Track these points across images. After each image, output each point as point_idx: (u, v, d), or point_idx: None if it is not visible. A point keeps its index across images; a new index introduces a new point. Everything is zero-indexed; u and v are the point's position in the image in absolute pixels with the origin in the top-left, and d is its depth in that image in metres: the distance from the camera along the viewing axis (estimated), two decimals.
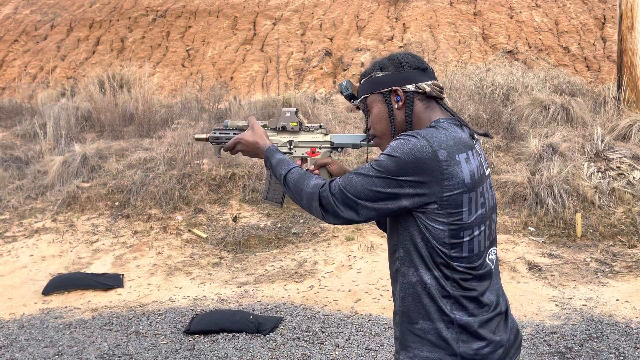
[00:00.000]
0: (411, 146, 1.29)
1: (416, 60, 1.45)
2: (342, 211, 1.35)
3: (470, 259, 1.34)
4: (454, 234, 1.31)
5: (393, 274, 1.42)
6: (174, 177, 6.77)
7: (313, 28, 12.03)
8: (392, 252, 1.41)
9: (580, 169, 6.26)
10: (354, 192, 1.33)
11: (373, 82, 1.46)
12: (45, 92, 10.07)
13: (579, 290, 4.40)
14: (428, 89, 1.42)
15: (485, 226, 1.38)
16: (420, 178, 1.28)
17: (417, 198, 1.29)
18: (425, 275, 1.33)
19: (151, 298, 4.60)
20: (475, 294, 1.34)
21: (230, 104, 8.86)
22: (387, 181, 1.30)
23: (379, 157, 1.33)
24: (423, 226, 1.31)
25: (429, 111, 1.43)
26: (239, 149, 1.66)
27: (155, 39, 12.29)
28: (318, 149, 1.69)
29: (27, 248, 5.85)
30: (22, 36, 12.73)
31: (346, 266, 5.01)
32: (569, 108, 7.64)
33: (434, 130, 1.34)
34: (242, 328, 3.74)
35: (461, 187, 1.30)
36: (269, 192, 1.72)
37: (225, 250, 5.74)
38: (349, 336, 3.65)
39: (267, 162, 1.56)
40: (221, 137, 1.74)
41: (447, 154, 1.29)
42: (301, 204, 1.44)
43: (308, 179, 1.43)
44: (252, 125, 1.66)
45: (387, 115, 1.44)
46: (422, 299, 1.33)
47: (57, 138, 7.99)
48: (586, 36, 11.11)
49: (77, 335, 3.83)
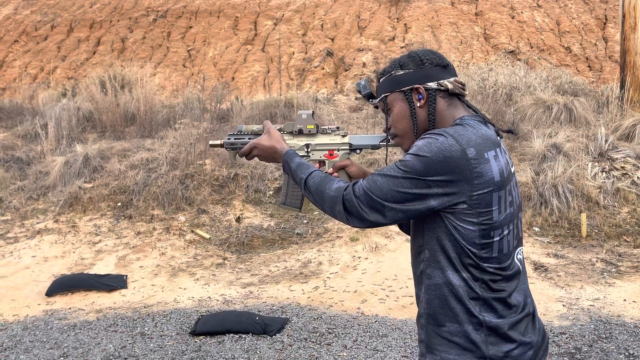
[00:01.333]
0: (439, 145, 1.26)
1: (437, 57, 1.42)
2: (368, 214, 1.31)
3: (500, 259, 1.31)
4: (485, 234, 1.28)
5: (417, 276, 1.38)
6: (177, 178, 6.74)
7: (314, 28, 12.01)
8: (417, 253, 1.37)
9: (585, 168, 6.25)
10: (379, 194, 1.29)
11: (393, 81, 1.43)
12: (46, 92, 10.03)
13: (586, 291, 4.38)
14: (450, 86, 1.39)
15: (513, 225, 1.36)
16: (449, 177, 1.25)
17: (446, 198, 1.26)
18: (453, 276, 1.30)
19: (155, 299, 4.57)
20: (504, 295, 1.31)
21: (232, 104, 8.83)
22: (415, 182, 1.27)
23: (405, 157, 1.30)
24: (452, 227, 1.28)
25: (452, 109, 1.40)
26: (256, 154, 1.62)
27: (156, 40, 12.26)
28: (336, 151, 1.66)
29: (29, 249, 5.82)
30: (22, 36, 12.69)
31: (351, 267, 4.99)
32: (572, 108, 7.63)
33: (461, 128, 1.32)
34: (249, 329, 3.72)
35: (491, 186, 1.27)
36: (287, 196, 1.68)
37: (229, 250, 5.71)
38: (356, 337, 3.63)
39: (286, 167, 1.52)
40: (236, 142, 1.70)
41: (476, 152, 1.26)
42: (323, 208, 1.41)
43: (330, 182, 1.40)
44: (268, 129, 1.62)
45: (409, 113, 1.41)
46: (449, 301, 1.31)
47: (58, 138, 7.96)
48: (588, 36, 11.10)
49: (82, 336, 3.80)
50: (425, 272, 1.35)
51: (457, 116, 1.39)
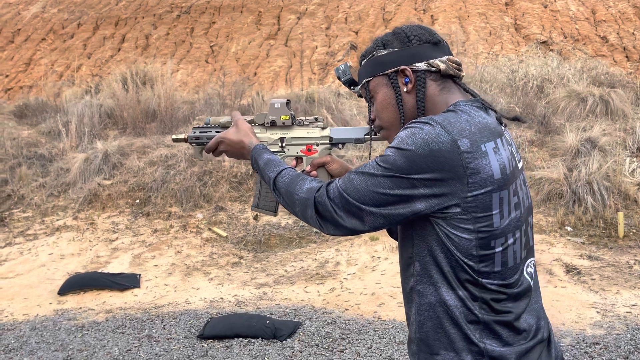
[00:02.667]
0: (424, 135, 1.03)
1: (426, 32, 1.18)
2: (343, 219, 1.10)
3: (504, 274, 1.08)
4: (483, 244, 1.05)
5: (407, 293, 1.16)
6: (195, 175, 6.64)
7: (338, 21, 11.77)
8: (406, 266, 1.15)
9: (622, 164, 5.87)
10: (356, 195, 1.08)
11: (376, 63, 1.20)
12: (70, 90, 10.10)
13: (622, 296, 4.06)
14: (443, 66, 1.16)
15: (521, 232, 1.12)
16: (437, 175, 1.02)
17: (435, 200, 1.04)
18: (448, 295, 1.07)
19: (167, 299, 4.45)
20: (510, 317, 1.08)
21: (252, 100, 8.70)
22: (397, 180, 1.05)
23: (386, 152, 1.08)
24: (444, 235, 1.06)
25: (445, 93, 1.17)
26: (222, 150, 1.41)
27: (180, 36, 12.24)
28: (315, 145, 1.44)
29: (47, 246, 5.80)
30: (49, 35, 12.85)
31: (370, 267, 4.77)
32: (608, 100, 7.21)
33: (453, 114, 1.08)
34: (258, 333, 3.55)
35: (490, 185, 1.04)
36: (260, 198, 1.47)
37: (246, 249, 5.57)
38: (371, 344, 3.42)
39: (254, 164, 1.32)
40: (201, 136, 1.48)
41: (471, 144, 1.04)
42: (295, 212, 1.20)
43: (301, 181, 1.19)
44: (235, 122, 1.40)
45: (395, 101, 1.18)
46: (444, 325, 1.08)
47: (80, 135, 7.97)
48: (625, 25, 10.55)
49: (88, 338, 3.70)
50: (415, 289, 1.12)
51: (451, 102, 1.16)
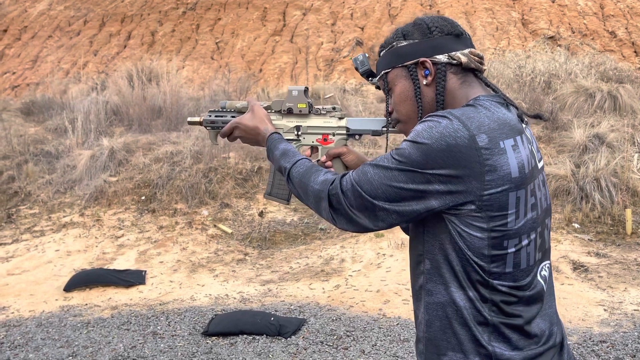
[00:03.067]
0: (442, 129, 1.01)
1: (448, 23, 1.16)
2: (356, 214, 1.08)
3: (516, 275, 1.05)
4: (496, 244, 1.03)
5: (416, 291, 1.14)
6: (200, 171, 6.64)
7: (344, 17, 11.73)
8: (416, 263, 1.13)
9: (630, 160, 5.81)
10: (369, 188, 1.06)
11: (395, 54, 1.17)
12: (76, 87, 10.13)
13: (630, 294, 4.02)
14: (464, 59, 1.13)
15: (537, 234, 1.09)
16: (453, 171, 1.00)
17: (449, 197, 1.01)
18: (458, 295, 1.05)
19: (172, 296, 4.45)
20: (520, 321, 1.05)
21: (258, 96, 8.69)
22: (411, 175, 1.02)
23: (401, 145, 1.05)
24: (456, 233, 1.03)
25: (466, 87, 1.14)
26: (237, 135, 1.39)
27: (185, 32, 12.24)
28: (331, 135, 1.41)
29: (54, 243, 5.83)
30: (56, 32, 12.88)
31: (375, 264, 4.75)
32: (616, 96, 7.13)
33: (472, 109, 1.06)
34: (263, 330, 3.54)
35: (507, 183, 1.01)
36: (274, 186, 1.45)
37: (251, 246, 5.57)
38: (375, 341, 3.40)
39: (269, 153, 1.30)
40: (217, 120, 1.46)
41: (489, 140, 1.01)
42: (308, 203, 1.18)
43: (316, 173, 1.17)
44: (252, 107, 1.38)
45: (413, 93, 1.16)
46: (453, 325, 1.06)
47: (86, 132, 7.99)
48: (634, 20, 10.44)
49: (93, 334, 3.71)
50: (425, 287, 1.10)
51: (471, 96, 1.13)
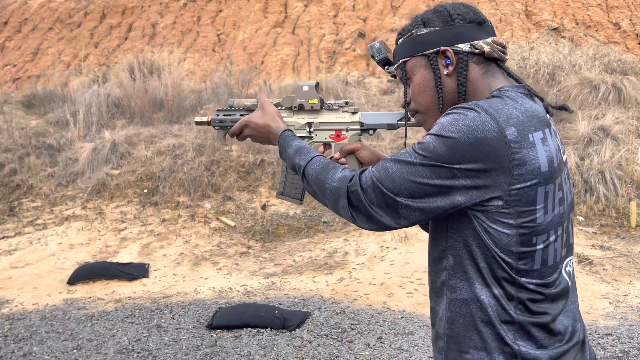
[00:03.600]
0: (469, 122, 0.97)
1: (470, 11, 1.12)
2: (377, 212, 1.05)
3: (543, 273, 1.03)
4: (524, 240, 1.00)
5: (437, 288, 1.11)
6: (203, 164, 6.62)
7: (346, 9, 11.65)
8: (438, 259, 1.10)
9: (635, 153, 5.78)
10: (390, 185, 1.02)
11: (414, 42, 1.13)
12: (78, 79, 10.09)
13: (635, 287, 4.01)
14: (487, 48, 1.09)
15: (563, 229, 1.06)
16: (481, 165, 0.96)
17: (476, 192, 0.98)
18: (482, 292, 1.02)
19: (176, 289, 4.45)
20: (546, 319, 1.03)
21: (260, 88, 8.65)
22: (436, 170, 0.99)
23: (425, 139, 1.02)
24: (482, 229, 1.00)
25: (489, 77, 1.10)
26: (247, 134, 1.34)
27: (186, 24, 12.17)
28: (344, 131, 1.37)
29: (56, 236, 5.82)
30: (56, 24, 12.82)
31: (378, 257, 4.74)
32: (621, 88, 7.09)
33: (499, 100, 1.02)
34: (267, 323, 3.54)
35: (536, 177, 0.98)
36: (286, 185, 1.41)
37: (254, 239, 5.56)
38: (380, 334, 3.40)
39: (282, 151, 1.26)
40: (225, 119, 1.42)
41: (518, 133, 0.98)
42: (325, 202, 1.14)
43: (333, 170, 1.13)
44: (262, 104, 1.34)
45: (434, 84, 1.12)
46: (477, 323, 1.03)
47: (88, 125, 7.96)
48: (637, 11, 10.37)
49: (98, 327, 3.71)
50: (447, 284, 1.07)
51: (494, 87, 1.09)
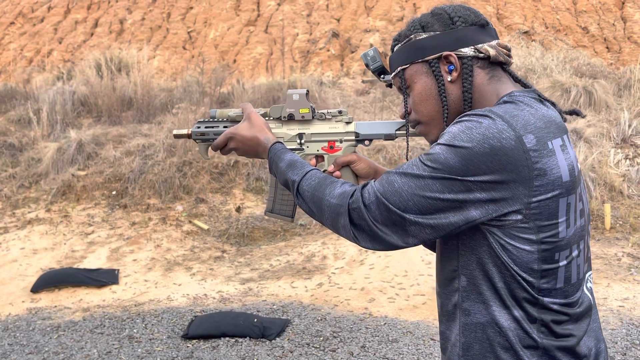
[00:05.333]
0: (484, 130, 0.89)
1: (471, 13, 1.04)
2: (382, 231, 0.95)
3: (567, 291, 0.95)
4: (546, 257, 0.92)
5: (448, 311, 1.02)
6: (174, 165, 6.41)
7: (319, 8, 11.56)
8: (448, 280, 1.01)
9: (607, 155, 5.86)
10: (397, 200, 0.93)
11: (413, 48, 1.05)
12: (41, 75, 9.69)
13: (614, 289, 4.03)
14: (492, 52, 1.01)
15: (585, 243, 1.00)
16: (497, 177, 0.88)
17: (492, 206, 0.90)
18: (501, 315, 0.94)
19: (148, 296, 4.26)
20: (572, 342, 0.95)
21: (233, 88, 8.46)
22: (448, 183, 0.90)
23: (434, 149, 0.93)
24: (498, 245, 0.92)
25: (495, 82, 1.03)
26: (232, 147, 1.24)
27: (156, 21, 11.86)
28: (338, 142, 1.27)
29: (18, 240, 5.53)
30: (18, 18, 12.31)
31: (357, 261, 4.65)
32: (592, 91, 7.20)
33: (513, 106, 0.94)
34: (246, 332, 3.40)
35: (557, 188, 0.91)
36: (275, 202, 1.31)
37: (228, 242, 5.40)
38: (363, 342, 3.30)
39: (273, 166, 1.15)
40: (208, 131, 1.31)
41: (537, 140, 0.90)
42: (322, 220, 1.04)
43: (332, 185, 1.03)
44: (248, 115, 1.23)
45: (437, 91, 1.04)
46: (495, 349, 0.95)
47: (52, 124, 7.63)
48: (605, 16, 10.61)
49: (65, 339, 3.50)
50: (460, 307, 0.98)
51: (502, 92, 1.02)
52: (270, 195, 1.30)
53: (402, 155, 6.19)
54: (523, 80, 1.07)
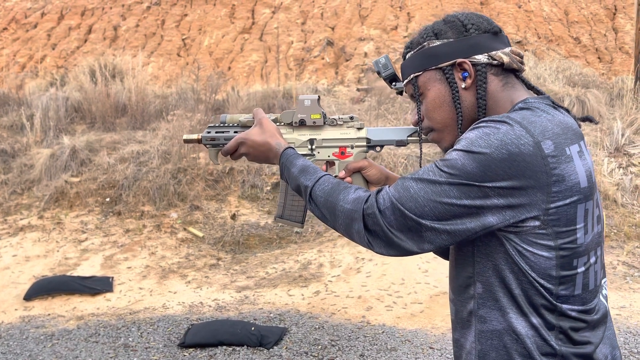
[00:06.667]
0: (501, 136, 0.89)
1: (484, 20, 1.05)
2: (397, 237, 0.94)
3: (585, 298, 0.95)
4: (565, 263, 0.92)
5: (463, 318, 1.01)
6: (169, 172, 6.38)
7: (314, 17, 11.60)
8: (464, 287, 1.00)
9: (600, 164, 5.90)
10: (413, 206, 0.92)
11: (427, 55, 1.05)
12: (34, 81, 9.63)
13: (610, 298, 4.04)
14: (506, 59, 1.02)
15: (601, 249, 1.00)
16: (515, 182, 0.88)
17: (510, 212, 0.90)
18: (518, 322, 0.93)
19: (143, 304, 4.21)
20: (590, 349, 0.94)
21: (228, 95, 8.46)
22: (465, 189, 0.90)
23: (451, 155, 0.93)
24: (516, 252, 0.92)
25: (509, 89, 1.03)
26: (243, 152, 1.23)
27: (150, 28, 11.84)
28: (349, 148, 1.27)
29: (10, 247, 5.46)
30: (11, 24, 12.25)
31: (354, 269, 4.64)
32: (584, 100, 7.27)
33: (530, 112, 0.94)
34: (243, 341, 3.37)
35: (575, 194, 0.91)
36: (285, 208, 1.30)
37: (223, 250, 5.36)
38: (362, 351, 3.28)
39: (284, 171, 1.14)
40: (218, 137, 1.31)
41: (555, 146, 0.90)
42: (336, 226, 1.03)
43: (345, 191, 1.03)
44: (259, 120, 1.23)
45: (451, 98, 1.04)
46: (513, 356, 0.94)
47: (45, 130, 7.58)
48: (597, 27, 10.74)
49: (59, 348, 3.45)
50: (476, 314, 0.97)
51: (516, 99, 1.02)
52: (280, 200, 1.29)
53: (397, 163, 6.20)
54: (536, 87, 1.08)
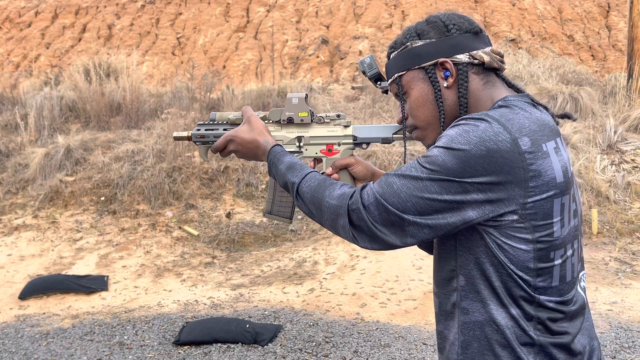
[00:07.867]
0: (480, 133, 0.92)
1: (465, 21, 1.08)
2: (381, 231, 0.97)
3: (562, 289, 0.98)
4: (542, 256, 0.95)
5: (447, 310, 1.04)
6: (164, 171, 6.38)
7: (309, 15, 11.61)
8: (447, 280, 1.03)
9: (593, 161, 5.94)
10: (396, 202, 0.95)
11: (410, 55, 1.08)
12: (28, 81, 9.60)
13: (602, 293, 4.08)
14: (487, 58, 1.06)
15: (578, 242, 1.03)
16: (494, 178, 0.91)
17: (489, 206, 0.93)
18: (498, 313, 0.96)
19: (138, 303, 4.23)
20: (567, 339, 0.98)
21: (222, 94, 8.46)
22: (446, 185, 0.93)
23: (432, 152, 0.96)
24: (495, 245, 0.95)
25: (490, 87, 1.06)
26: (232, 149, 1.27)
27: (145, 26, 11.82)
28: (336, 145, 1.31)
29: (5, 247, 5.46)
30: (5, 23, 12.20)
31: (349, 266, 4.66)
32: (578, 98, 7.31)
33: (508, 110, 0.98)
34: (238, 338, 3.39)
35: (552, 189, 0.94)
36: (274, 204, 1.33)
37: (219, 248, 5.38)
38: (356, 347, 3.31)
39: (272, 168, 1.18)
40: (208, 134, 1.34)
41: (532, 143, 0.93)
42: (322, 221, 1.07)
43: (331, 187, 1.06)
44: (248, 118, 1.26)
45: (434, 97, 1.07)
46: (493, 346, 0.97)
47: (39, 129, 7.56)
48: (590, 24, 10.78)
49: (54, 346, 3.46)
50: (459, 306, 1.00)
51: (497, 97, 1.05)
52: (269, 197, 1.32)
53: (392, 161, 6.23)
54: (516, 85, 1.11)
